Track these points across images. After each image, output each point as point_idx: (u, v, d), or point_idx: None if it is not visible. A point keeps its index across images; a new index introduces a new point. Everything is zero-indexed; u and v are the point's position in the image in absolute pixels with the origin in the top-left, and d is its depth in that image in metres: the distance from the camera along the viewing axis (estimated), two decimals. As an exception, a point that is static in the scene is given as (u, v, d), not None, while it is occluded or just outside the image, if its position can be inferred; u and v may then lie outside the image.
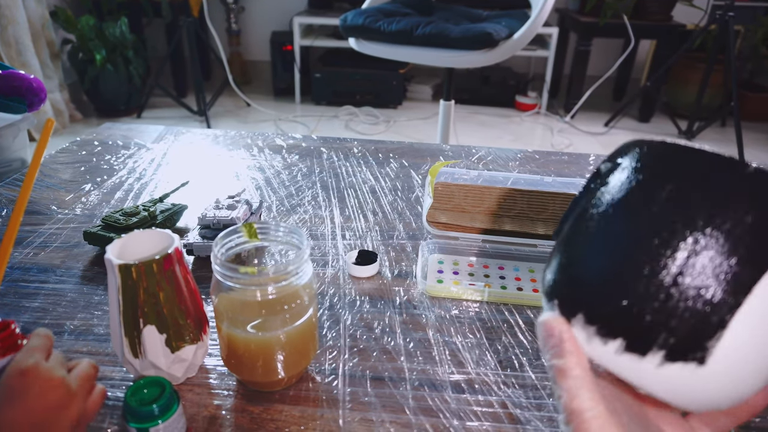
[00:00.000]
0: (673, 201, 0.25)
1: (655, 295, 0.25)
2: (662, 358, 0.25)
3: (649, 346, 0.25)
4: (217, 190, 0.87)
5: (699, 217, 0.25)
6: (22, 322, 0.57)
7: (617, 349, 0.26)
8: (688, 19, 2.83)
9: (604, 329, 0.26)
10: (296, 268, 0.45)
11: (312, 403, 0.48)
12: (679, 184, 0.26)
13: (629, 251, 0.26)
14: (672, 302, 0.25)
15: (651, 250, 0.25)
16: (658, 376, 0.25)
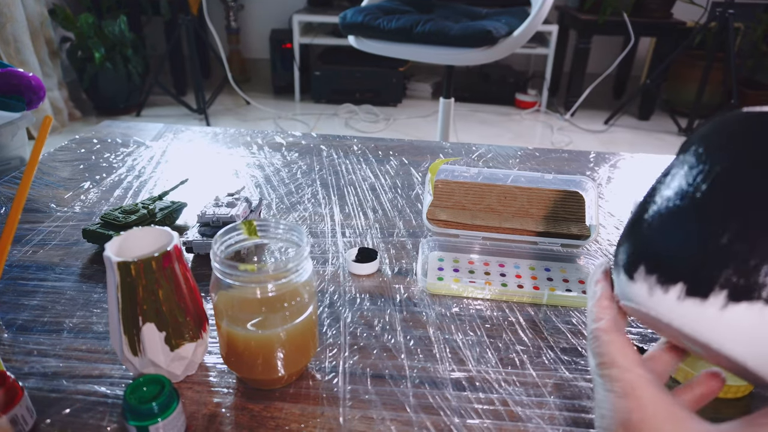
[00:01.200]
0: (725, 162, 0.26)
1: (715, 233, 0.24)
2: (725, 298, 0.23)
3: (710, 287, 0.24)
4: (216, 187, 0.87)
5: (754, 156, 0.24)
6: (21, 320, 0.57)
7: (679, 296, 0.25)
8: (688, 17, 2.83)
9: (663, 276, 0.26)
10: (296, 265, 0.44)
11: (312, 401, 0.48)
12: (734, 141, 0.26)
13: (670, 184, 0.27)
14: (728, 235, 0.24)
15: (689, 174, 0.26)
16: (721, 322, 0.24)
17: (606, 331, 0.30)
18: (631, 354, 0.28)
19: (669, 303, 0.26)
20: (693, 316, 0.25)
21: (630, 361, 0.28)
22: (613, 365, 0.28)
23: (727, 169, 0.26)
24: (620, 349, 0.29)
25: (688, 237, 0.25)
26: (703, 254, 0.24)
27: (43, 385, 0.48)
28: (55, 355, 0.52)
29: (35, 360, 0.51)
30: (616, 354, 0.29)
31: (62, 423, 0.45)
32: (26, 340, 0.54)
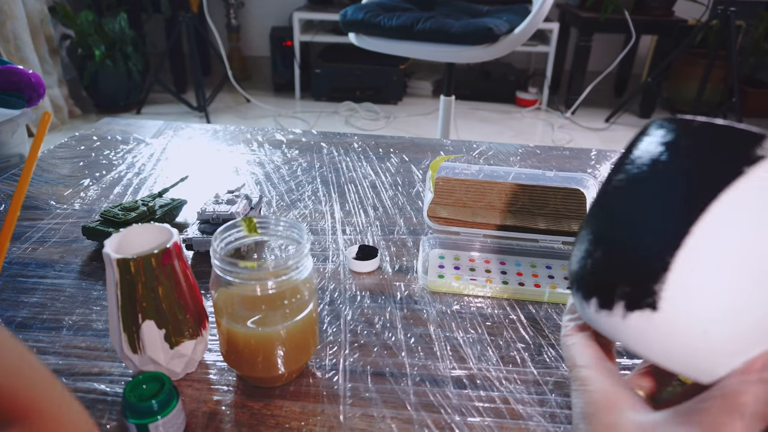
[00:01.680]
0: (613, 169, 0.29)
1: (610, 250, 0.27)
2: (623, 308, 0.26)
3: (612, 299, 0.27)
4: (216, 185, 0.86)
5: (637, 173, 0.27)
6: (21, 317, 0.56)
7: (596, 309, 0.28)
8: (690, 15, 2.82)
9: (582, 291, 0.29)
10: (296, 262, 0.44)
11: (312, 399, 0.48)
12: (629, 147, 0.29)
13: (590, 215, 0.30)
14: (622, 253, 0.26)
15: (594, 209, 0.29)
16: (626, 328, 0.26)
17: (568, 336, 0.32)
18: (590, 352, 0.30)
19: (592, 314, 0.28)
20: (608, 325, 0.27)
21: (587, 359, 0.30)
22: (574, 365, 0.31)
23: (603, 189, 0.30)
24: (580, 349, 0.31)
25: (589, 253, 0.28)
26: (600, 268, 0.28)
27: (42, 383, 0.48)
28: (55, 353, 0.52)
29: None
30: (575, 354, 0.31)
31: (61, 420, 0.45)
32: (26, 338, 0.54)
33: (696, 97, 2.55)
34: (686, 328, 0.24)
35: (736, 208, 0.23)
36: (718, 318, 0.23)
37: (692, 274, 0.24)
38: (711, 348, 0.24)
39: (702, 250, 0.24)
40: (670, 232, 0.24)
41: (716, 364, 0.24)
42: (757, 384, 0.23)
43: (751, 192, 0.23)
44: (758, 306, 0.23)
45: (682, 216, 0.24)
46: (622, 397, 0.28)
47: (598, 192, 0.30)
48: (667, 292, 0.24)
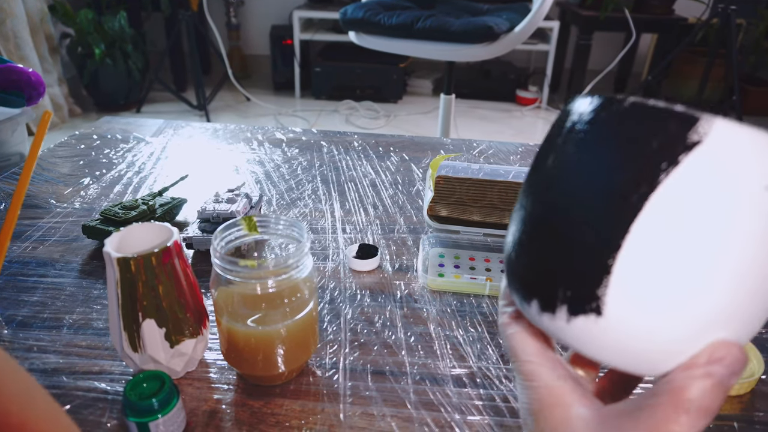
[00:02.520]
0: (536, 167, 0.27)
1: (546, 250, 0.25)
2: (567, 313, 0.25)
3: (554, 302, 0.25)
4: (216, 183, 0.86)
5: (570, 162, 0.25)
6: (21, 316, 0.56)
7: (537, 310, 0.26)
8: (690, 13, 2.82)
9: (523, 292, 0.27)
10: (296, 261, 0.44)
11: (313, 398, 0.48)
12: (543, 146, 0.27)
13: (518, 207, 0.28)
14: (559, 254, 0.25)
15: (525, 203, 0.27)
16: (571, 332, 0.25)
17: (508, 325, 0.30)
18: (531, 344, 0.29)
19: (534, 315, 0.27)
20: (552, 328, 0.26)
21: (529, 352, 0.29)
22: (516, 358, 0.29)
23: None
24: (520, 340, 0.29)
25: (526, 253, 0.27)
26: (538, 270, 0.26)
27: (43, 382, 0.48)
28: (55, 352, 0.52)
29: (35, 356, 0.51)
30: (516, 346, 0.29)
31: (62, 419, 0.45)
32: (26, 336, 0.54)
33: (696, 95, 2.55)
34: (632, 330, 0.23)
35: (673, 202, 0.22)
36: (663, 316, 0.23)
37: (634, 276, 0.23)
38: (657, 347, 0.24)
39: (642, 250, 0.22)
40: (609, 233, 0.23)
41: (663, 361, 0.24)
42: (702, 379, 0.23)
43: (687, 182, 0.22)
44: (701, 300, 0.22)
45: (620, 215, 0.23)
46: (568, 391, 0.27)
47: (526, 179, 0.28)
48: (611, 296, 0.23)
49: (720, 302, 0.22)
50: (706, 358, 0.23)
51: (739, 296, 0.23)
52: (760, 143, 0.21)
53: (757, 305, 0.23)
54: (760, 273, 0.22)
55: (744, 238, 0.22)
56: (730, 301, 0.23)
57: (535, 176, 0.27)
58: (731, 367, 0.23)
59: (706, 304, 0.22)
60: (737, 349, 0.23)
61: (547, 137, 0.27)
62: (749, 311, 0.23)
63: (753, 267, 0.22)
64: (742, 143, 0.21)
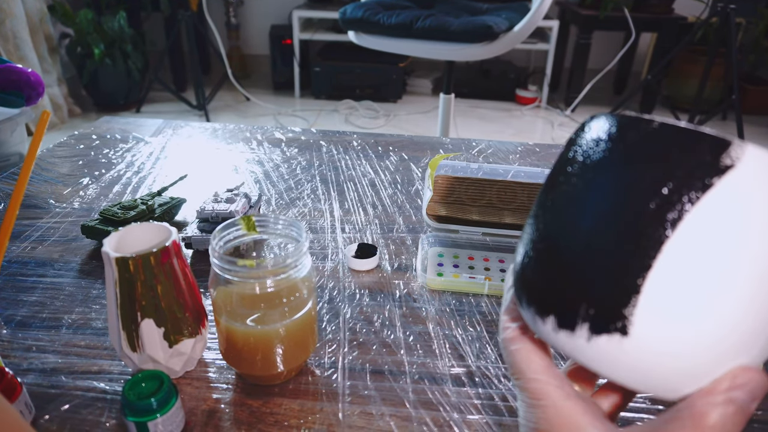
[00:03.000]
0: (556, 182, 0.27)
1: (570, 266, 0.25)
2: (588, 331, 0.24)
3: (574, 320, 0.25)
4: (215, 183, 0.87)
5: (598, 180, 0.25)
6: (20, 315, 0.56)
7: (553, 327, 0.26)
8: (690, 12, 2.82)
9: (538, 307, 0.27)
10: (295, 260, 0.44)
11: (311, 397, 0.48)
12: (577, 153, 0.27)
13: (544, 228, 0.27)
14: (584, 271, 0.24)
15: (546, 217, 0.27)
16: (591, 351, 0.25)
17: (512, 340, 0.29)
18: (537, 361, 0.28)
19: (548, 332, 0.26)
20: (570, 346, 0.26)
21: (535, 369, 0.28)
22: (520, 375, 0.28)
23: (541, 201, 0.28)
24: (525, 357, 0.28)
25: (549, 268, 0.26)
26: (562, 286, 0.25)
27: (41, 381, 0.48)
28: (54, 351, 0.52)
29: (34, 356, 0.51)
30: (521, 362, 0.28)
31: (61, 419, 0.45)
32: (25, 336, 0.54)
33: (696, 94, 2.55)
34: (657, 353, 0.23)
35: (705, 225, 0.22)
36: (689, 339, 0.23)
37: (664, 297, 0.23)
38: (681, 370, 0.23)
39: (673, 271, 0.22)
40: (640, 253, 0.23)
41: (685, 384, 0.24)
42: (723, 405, 0.22)
43: (720, 206, 0.22)
44: (728, 324, 0.22)
45: (652, 235, 0.23)
46: (580, 412, 0.26)
47: (545, 189, 0.28)
48: (638, 316, 0.23)
49: (746, 327, 0.22)
50: (727, 385, 0.23)
51: (762, 323, 0.23)
52: None
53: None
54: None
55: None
56: (755, 326, 0.22)
57: (556, 191, 0.27)
58: (753, 393, 0.23)
59: (732, 328, 0.22)
60: (759, 375, 0.23)
61: (566, 152, 0.27)
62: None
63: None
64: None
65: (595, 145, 0.25)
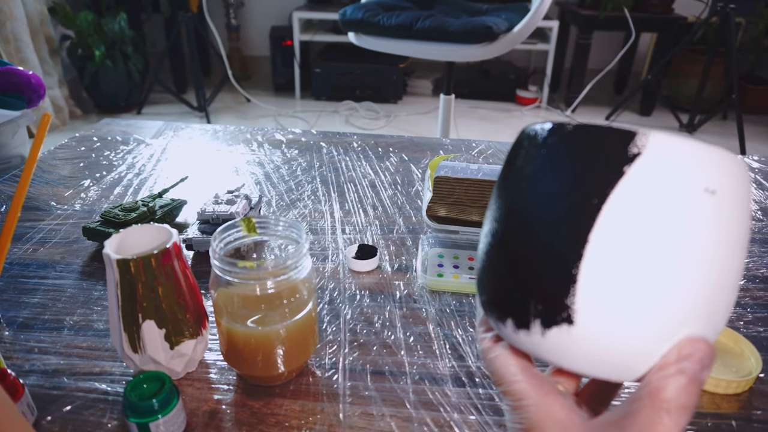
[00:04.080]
0: (497, 193, 0.29)
1: (516, 269, 0.27)
2: (540, 326, 0.26)
3: (527, 318, 0.26)
4: (216, 185, 0.87)
5: (529, 185, 0.26)
6: (22, 317, 0.57)
7: (513, 329, 0.27)
8: (689, 12, 2.82)
9: (498, 313, 0.28)
10: (295, 262, 0.44)
11: (312, 398, 0.48)
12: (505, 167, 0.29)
13: (485, 233, 0.29)
14: (528, 270, 0.26)
15: (491, 228, 0.28)
16: (547, 346, 0.26)
17: (489, 350, 0.31)
18: (515, 364, 0.29)
19: (510, 334, 0.28)
20: (528, 344, 0.27)
21: (513, 372, 0.29)
22: (501, 380, 0.29)
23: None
24: (504, 362, 0.29)
25: (496, 274, 0.28)
26: (509, 289, 0.27)
27: (43, 383, 0.49)
28: (56, 353, 0.52)
29: (36, 357, 0.52)
30: (500, 368, 0.29)
31: (63, 420, 0.45)
32: (27, 338, 0.54)
33: (696, 94, 2.55)
34: (603, 335, 0.24)
35: (624, 208, 0.23)
36: (630, 319, 0.24)
37: (599, 282, 0.24)
38: (629, 349, 0.24)
39: (602, 256, 0.24)
40: (571, 244, 0.24)
41: (636, 364, 0.25)
42: (676, 376, 0.23)
43: (634, 189, 0.23)
44: (665, 300, 0.24)
45: (578, 226, 0.24)
46: (557, 407, 0.27)
47: (490, 205, 0.29)
48: (579, 304, 0.24)
49: (681, 301, 0.24)
50: (675, 356, 0.24)
51: (698, 291, 0.24)
52: (697, 152, 0.23)
53: (717, 298, 0.24)
54: (716, 270, 0.24)
55: (693, 238, 0.23)
56: (689, 297, 0.24)
57: (497, 201, 0.29)
58: (701, 362, 0.24)
59: (668, 304, 0.24)
60: (704, 343, 0.24)
61: (506, 162, 0.29)
62: (711, 305, 0.24)
63: (708, 265, 0.24)
64: (678, 152, 0.23)
65: (525, 153, 0.27)
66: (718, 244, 0.24)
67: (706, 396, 0.49)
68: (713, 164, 0.24)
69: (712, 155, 0.24)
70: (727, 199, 0.24)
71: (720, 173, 0.24)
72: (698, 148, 0.24)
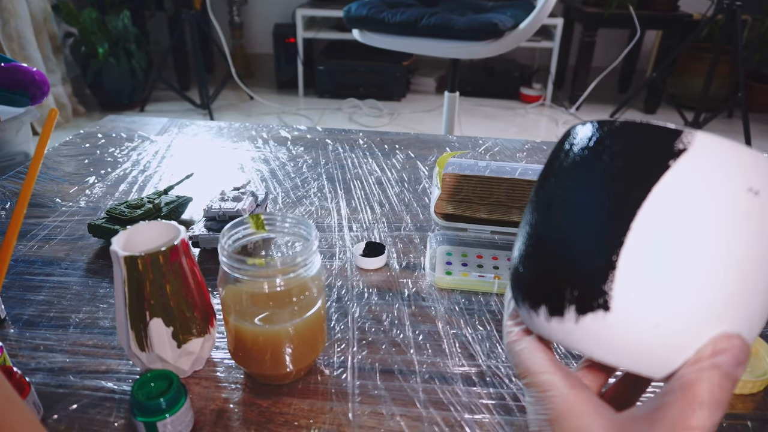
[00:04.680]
0: (541, 186, 0.30)
1: (554, 256, 0.27)
2: (575, 313, 0.26)
3: (562, 304, 0.27)
4: (222, 182, 0.86)
5: (575, 178, 0.27)
6: (27, 315, 0.56)
7: (546, 317, 0.28)
8: (695, 9, 2.80)
9: (531, 302, 0.29)
10: (305, 259, 0.44)
11: (321, 396, 0.47)
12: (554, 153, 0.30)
13: (524, 224, 0.30)
14: (567, 258, 0.26)
15: (531, 219, 0.29)
16: (580, 333, 0.26)
17: (516, 342, 0.31)
18: (542, 356, 0.29)
19: (541, 323, 0.28)
20: (561, 332, 0.27)
21: (540, 365, 0.29)
22: (527, 373, 0.29)
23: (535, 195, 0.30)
24: (530, 355, 0.30)
25: (533, 260, 0.29)
26: (546, 275, 0.28)
27: (49, 381, 0.48)
28: (62, 351, 0.52)
29: (42, 355, 0.51)
30: (526, 361, 0.30)
31: (69, 418, 0.44)
32: (32, 336, 0.53)
33: (701, 92, 2.54)
34: (639, 324, 0.25)
35: (668, 200, 0.24)
36: (668, 310, 0.24)
37: (637, 270, 0.24)
38: (665, 342, 0.25)
39: (643, 245, 0.24)
40: (612, 231, 0.25)
41: (670, 357, 0.25)
42: (710, 371, 0.23)
43: (679, 182, 0.24)
44: (704, 293, 0.24)
45: (621, 214, 0.25)
46: (585, 400, 0.27)
47: (531, 199, 0.30)
48: (617, 291, 0.25)
49: (717, 296, 0.24)
50: (710, 351, 0.24)
51: (736, 289, 0.24)
52: (739, 152, 0.24)
53: (755, 299, 0.24)
54: (757, 269, 0.24)
55: (735, 235, 0.24)
56: (727, 293, 0.24)
57: (540, 194, 0.29)
58: (736, 358, 0.23)
59: (704, 298, 0.24)
60: (739, 340, 0.24)
61: (550, 159, 0.30)
62: (748, 304, 0.24)
63: (748, 263, 0.24)
64: (723, 151, 0.24)
65: (570, 148, 0.28)
66: (759, 244, 0.24)
67: (721, 396, 0.49)
68: (759, 166, 0.24)
69: (757, 158, 0.24)
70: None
71: (765, 176, 0.24)
72: (743, 149, 0.24)
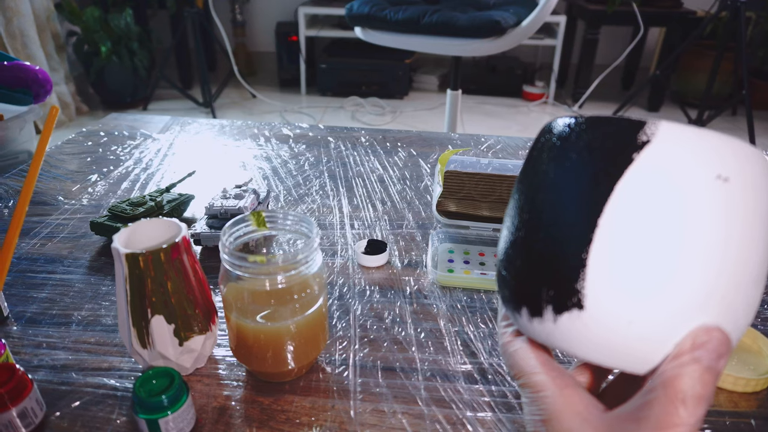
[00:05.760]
0: (517, 188, 0.30)
1: (530, 257, 0.27)
2: (552, 313, 0.26)
3: (540, 305, 0.27)
4: (223, 179, 0.86)
5: (545, 178, 0.27)
6: (30, 312, 0.56)
7: (528, 318, 0.28)
8: (698, 6, 2.79)
9: (514, 303, 0.29)
10: (306, 256, 0.44)
11: (323, 394, 0.47)
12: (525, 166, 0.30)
13: (503, 226, 0.30)
14: (541, 258, 0.26)
15: (510, 221, 0.29)
16: (559, 332, 0.26)
17: (510, 343, 0.31)
18: (534, 357, 0.29)
19: (525, 324, 0.28)
20: (542, 333, 0.27)
21: (533, 365, 0.29)
22: (521, 374, 0.29)
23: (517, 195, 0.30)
24: (524, 355, 0.30)
25: (509, 263, 0.29)
26: (522, 277, 0.28)
27: (52, 378, 0.48)
28: (64, 348, 0.52)
29: (44, 353, 0.51)
30: (519, 362, 0.30)
31: (72, 415, 0.45)
32: (35, 333, 0.54)
33: (705, 89, 2.53)
34: (613, 322, 0.24)
35: (632, 194, 0.24)
36: (641, 306, 0.24)
37: (608, 266, 0.24)
38: (641, 337, 0.24)
39: (611, 242, 0.24)
40: (580, 229, 0.25)
41: (649, 353, 0.25)
42: (691, 365, 0.23)
43: (643, 175, 0.24)
44: (675, 287, 0.23)
45: (587, 211, 0.24)
46: (577, 399, 0.27)
47: (510, 200, 0.30)
48: (589, 289, 0.24)
49: (690, 288, 0.23)
50: (689, 345, 0.23)
51: (711, 281, 0.23)
52: (706, 139, 0.24)
53: (734, 289, 0.24)
54: (730, 258, 0.24)
55: (703, 224, 0.23)
56: (702, 286, 0.23)
57: (516, 194, 0.29)
58: (717, 351, 0.23)
59: (677, 289, 0.23)
60: (719, 332, 0.24)
61: (525, 159, 0.30)
62: (726, 296, 0.24)
63: (720, 252, 0.23)
64: (688, 140, 0.24)
65: (541, 147, 0.28)
66: (732, 232, 0.23)
67: (724, 394, 0.49)
68: (727, 152, 0.23)
69: (726, 143, 0.24)
70: (741, 187, 0.23)
71: (735, 161, 0.23)
72: (710, 136, 0.24)
